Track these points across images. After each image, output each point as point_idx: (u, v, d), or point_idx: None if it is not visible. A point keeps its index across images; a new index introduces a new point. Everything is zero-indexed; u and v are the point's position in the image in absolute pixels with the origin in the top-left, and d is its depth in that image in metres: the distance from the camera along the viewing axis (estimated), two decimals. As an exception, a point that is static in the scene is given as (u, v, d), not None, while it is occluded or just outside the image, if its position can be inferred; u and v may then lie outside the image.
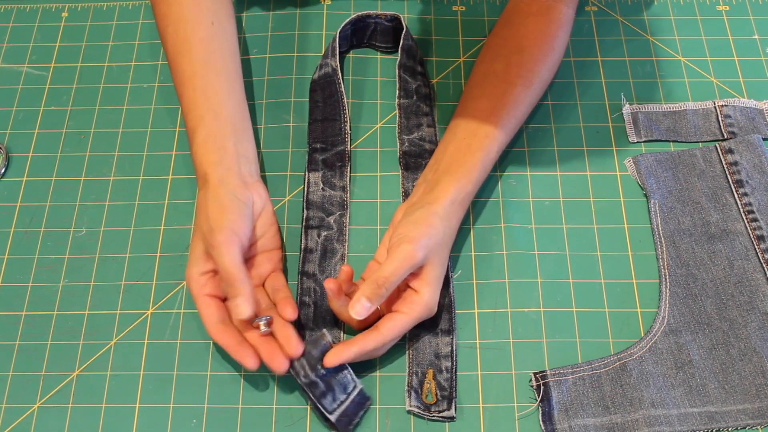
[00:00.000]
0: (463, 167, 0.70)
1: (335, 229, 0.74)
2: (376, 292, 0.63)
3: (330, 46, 0.82)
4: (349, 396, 0.64)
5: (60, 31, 0.88)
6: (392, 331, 0.64)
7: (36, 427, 0.66)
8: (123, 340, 0.70)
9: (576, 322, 0.70)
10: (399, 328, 0.64)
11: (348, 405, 0.64)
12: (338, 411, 0.64)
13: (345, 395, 0.64)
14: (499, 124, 0.72)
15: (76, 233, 0.75)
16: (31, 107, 0.83)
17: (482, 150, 0.71)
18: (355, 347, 0.63)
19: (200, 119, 0.70)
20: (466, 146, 0.71)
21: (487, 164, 0.72)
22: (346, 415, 0.64)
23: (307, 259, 0.73)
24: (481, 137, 0.71)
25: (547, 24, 0.77)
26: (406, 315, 0.64)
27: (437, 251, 0.66)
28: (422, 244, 0.65)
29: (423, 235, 0.65)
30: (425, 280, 0.65)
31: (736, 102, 0.81)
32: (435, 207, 0.68)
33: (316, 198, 0.76)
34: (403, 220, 0.67)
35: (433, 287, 0.65)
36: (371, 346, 0.64)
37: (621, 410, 0.65)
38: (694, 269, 0.72)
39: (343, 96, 0.80)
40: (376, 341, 0.64)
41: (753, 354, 0.68)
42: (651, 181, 0.76)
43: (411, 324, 0.65)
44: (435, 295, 0.66)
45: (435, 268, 0.66)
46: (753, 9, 0.88)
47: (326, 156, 0.78)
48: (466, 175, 0.70)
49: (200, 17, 0.73)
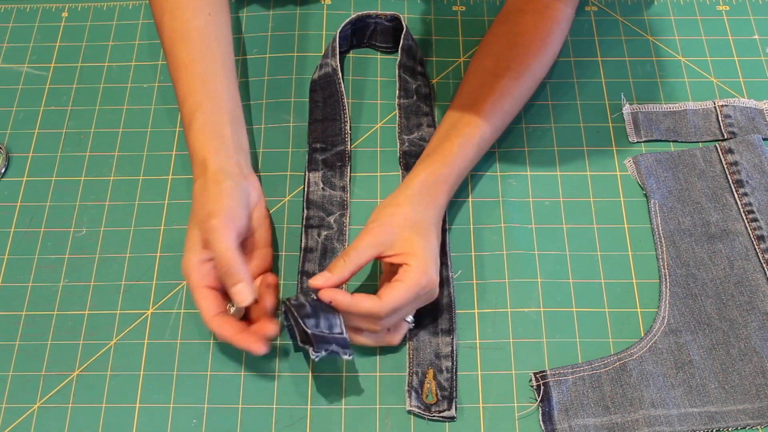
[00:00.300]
0: (437, 153, 0.71)
1: (335, 229, 0.74)
2: (336, 264, 0.64)
3: (330, 46, 0.82)
4: (332, 334, 0.62)
5: (60, 31, 0.88)
6: (389, 298, 0.62)
7: (36, 427, 0.66)
8: (123, 340, 0.70)
9: (576, 322, 0.70)
10: (396, 295, 0.63)
11: (327, 336, 0.62)
12: (317, 332, 0.62)
13: (328, 330, 0.62)
14: (481, 113, 0.72)
15: (76, 233, 0.75)
16: (31, 107, 0.83)
17: (460, 136, 0.71)
18: (349, 298, 0.62)
19: (199, 105, 0.70)
20: (444, 136, 0.72)
21: (467, 150, 0.71)
22: (322, 338, 0.62)
23: (307, 259, 0.73)
24: (461, 126, 0.72)
25: (543, 20, 0.77)
26: (403, 282, 0.63)
27: (406, 227, 0.66)
28: (383, 222, 0.65)
29: (386, 215, 0.66)
30: (408, 253, 0.64)
31: (736, 102, 0.81)
32: (403, 189, 0.69)
33: (316, 198, 0.76)
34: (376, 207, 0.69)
35: (420, 257, 0.64)
36: (365, 306, 0.62)
37: (621, 410, 0.65)
38: (694, 269, 0.72)
39: (343, 96, 0.80)
40: (371, 304, 0.62)
41: (753, 354, 0.68)
42: (651, 181, 0.76)
43: (411, 292, 0.63)
44: (427, 264, 0.65)
45: (411, 242, 0.65)
46: (753, 9, 0.88)
47: (326, 156, 0.78)
48: (440, 159, 0.70)
49: (197, 7, 0.73)
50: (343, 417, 0.66)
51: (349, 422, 0.66)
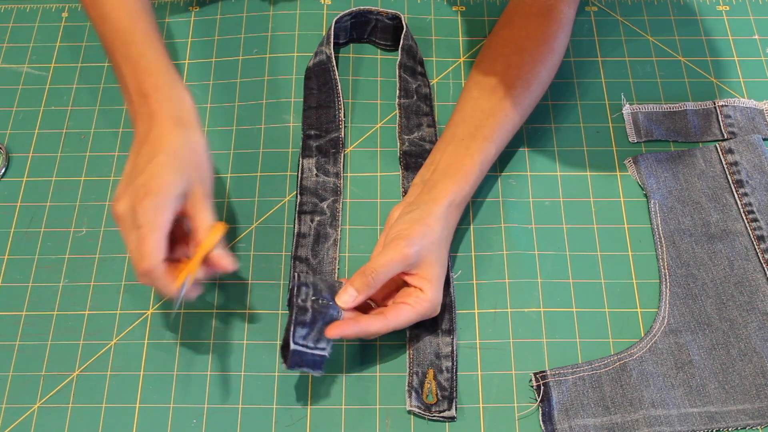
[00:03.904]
0: (461, 170, 0.70)
1: (328, 215, 0.75)
2: (363, 282, 0.64)
3: (326, 35, 0.83)
4: (315, 349, 0.63)
5: (60, 31, 0.88)
6: (396, 320, 0.64)
7: (36, 427, 0.66)
8: (123, 340, 0.70)
9: (576, 322, 0.70)
10: (403, 318, 0.65)
11: (307, 353, 0.63)
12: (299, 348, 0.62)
13: (313, 344, 0.63)
14: (497, 127, 0.72)
15: (76, 233, 0.75)
16: (31, 107, 0.83)
17: (480, 152, 0.71)
18: (357, 327, 0.64)
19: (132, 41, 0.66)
20: (464, 148, 0.71)
21: (485, 167, 0.72)
22: (301, 357, 0.63)
23: (300, 244, 0.73)
24: (480, 140, 0.71)
25: (548, 24, 0.76)
26: (412, 308, 0.65)
27: (433, 250, 0.66)
28: (415, 242, 0.65)
29: (418, 234, 0.66)
30: (426, 278, 0.65)
31: (736, 102, 0.81)
32: (433, 207, 0.68)
33: (309, 184, 0.76)
34: (400, 219, 0.68)
35: (434, 285, 0.66)
36: (373, 330, 0.64)
37: (621, 410, 0.65)
38: (694, 269, 0.72)
39: (338, 83, 0.81)
40: (379, 326, 0.64)
41: (753, 354, 0.68)
42: (651, 181, 0.76)
43: (415, 318, 0.65)
44: (438, 293, 0.66)
45: (433, 267, 0.66)
46: (753, 9, 0.88)
47: (320, 142, 0.78)
48: (464, 177, 0.70)
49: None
50: (343, 417, 0.66)
51: (349, 422, 0.66)
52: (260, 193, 0.77)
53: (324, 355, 0.63)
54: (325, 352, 0.63)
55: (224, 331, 0.70)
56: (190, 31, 0.88)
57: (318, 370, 0.64)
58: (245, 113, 0.82)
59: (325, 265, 0.72)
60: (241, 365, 0.68)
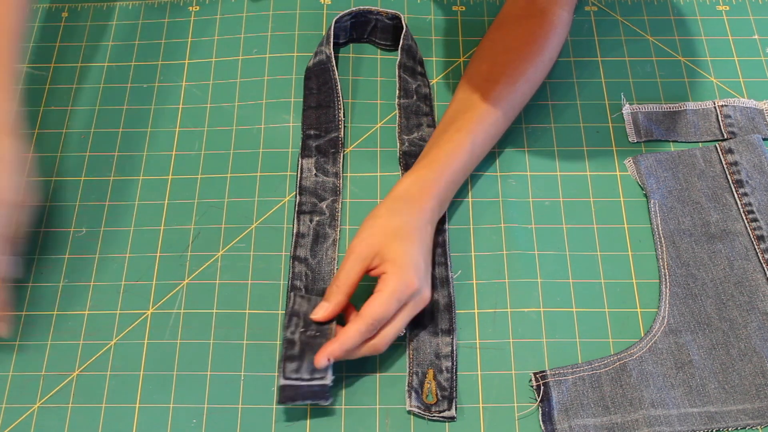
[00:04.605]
0: (425, 159, 0.71)
1: (327, 215, 0.75)
2: (329, 290, 0.65)
3: (326, 35, 0.83)
4: (312, 380, 0.63)
5: (60, 31, 0.88)
6: (371, 312, 0.62)
7: (36, 427, 0.66)
8: (123, 340, 0.70)
9: (576, 322, 0.70)
10: (375, 308, 0.63)
11: (303, 386, 0.63)
12: (291, 381, 0.62)
13: (309, 375, 0.63)
14: (474, 118, 0.72)
15: (76, 233, 0.75)
16: (31, 107, 0.83)
17: (450, 142, 0.71)
18: (339, 341, 0.62)
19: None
20: (434, 141, 0.72)
21: (459, 154, 0.71)
22: (294, 391, 0.63)
23: (299, 244, 0.73)
24: (452, 131, 0.72)
25: (540, 26, 0.76)
26: (381, 293, 0.63)
27: (388, 235, 0.66)
28: (364, 236, 0.66)
29: (365, 227, 0.67)
30: (387, 260, 0.64)
31: (736, 102, 0.81)
32: (385, 199, 0.69)
33: (308, 184, 0.76)
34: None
35: (398, 263, 0.64)
36: (355, 334, 0.62)
37: (621, 410, 0.65)
38: (694, 269, 0.72)
39: (337, 83, 0.81)
40: (359, 327, 0.62)
41: (753, 354, 0.68)
42: (651, 181, 0.76)
43: (391, 301, 0.63)
44: (404, 268, 0.64)
45: (390, 248, 0.65)
46: (753, 9, 0.88)
47: (320, 142, 0.78)
48: (426, 165, 0.70)
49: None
50: (343, 417, 0.66)
51: (349, 422, 0.66)
52: (260, 193, 0.77)
53: (325, 383, 0.63)
54: (326, 380, 0.63)
55: (224, 331, 0.70)
56: (190, 31, 0.88)
57: (322, 400, 0.64)
58: (245, 113, 0.82)
59: (324, 265, 0.72)
60: (241, 365, 0.68)
